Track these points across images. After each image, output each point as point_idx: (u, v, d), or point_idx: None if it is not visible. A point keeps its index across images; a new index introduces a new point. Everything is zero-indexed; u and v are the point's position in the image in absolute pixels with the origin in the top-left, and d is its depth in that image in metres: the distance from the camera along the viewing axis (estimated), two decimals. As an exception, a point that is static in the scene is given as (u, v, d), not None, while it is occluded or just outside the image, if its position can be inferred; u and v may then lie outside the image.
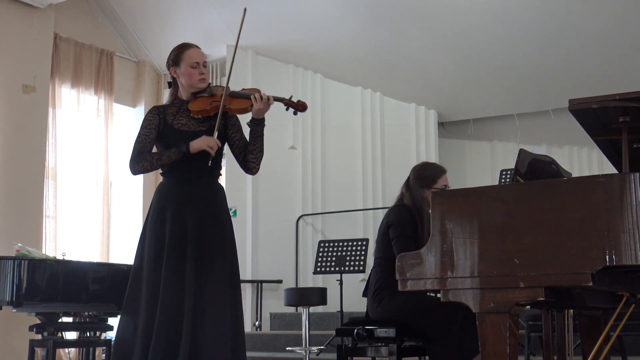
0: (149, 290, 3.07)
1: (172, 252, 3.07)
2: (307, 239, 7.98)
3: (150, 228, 3.17)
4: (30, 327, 5.18)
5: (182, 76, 3.26)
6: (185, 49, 3.30)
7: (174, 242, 3.09)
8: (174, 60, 3.29)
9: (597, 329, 3.02)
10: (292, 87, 8.16)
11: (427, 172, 3.51)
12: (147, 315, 3.04)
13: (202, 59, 3.30)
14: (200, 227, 3.12)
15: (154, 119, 3.24)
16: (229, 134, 3.29)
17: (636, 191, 2.02)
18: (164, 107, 3.31)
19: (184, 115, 3.24)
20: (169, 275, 3.05)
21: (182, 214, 3.12)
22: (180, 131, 3.20)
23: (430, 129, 8.45)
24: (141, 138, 3.23)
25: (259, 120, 3.22)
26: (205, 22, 7.87)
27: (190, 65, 3.24)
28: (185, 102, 3.28)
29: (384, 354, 3.27)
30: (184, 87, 3.29)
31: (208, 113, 3.20)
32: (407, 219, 3.36)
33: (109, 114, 7.88)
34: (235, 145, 3.28)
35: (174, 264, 3.06)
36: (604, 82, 7.21)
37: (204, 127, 3.21)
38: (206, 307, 3.03)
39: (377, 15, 7.30)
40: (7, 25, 6.89)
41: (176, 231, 3.10)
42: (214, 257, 3.11)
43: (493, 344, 2.14)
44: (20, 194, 6.77)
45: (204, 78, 3.27)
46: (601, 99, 2.23)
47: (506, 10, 6.90)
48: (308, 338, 5.53)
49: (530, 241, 2.11)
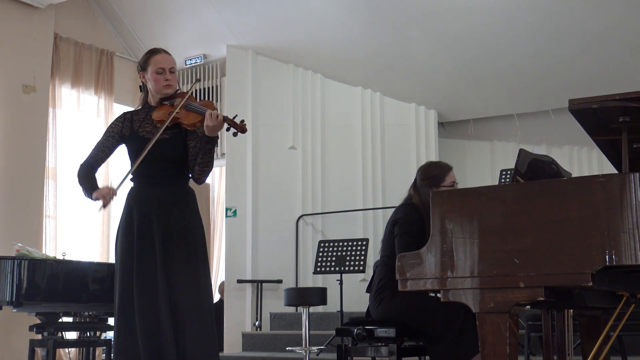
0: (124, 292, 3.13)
1: (140, 251, 3.14)
2: (307, 239, 7.98)
3: (121, 232, 3.24)
4: (30, 327, 5.18)
5: (149, 81, 3.31)
6: (153, 54, 3.32)
7: (141, 244, 3.15)
8: (142, 65, 3.33)
9: (597, 329, 3.02)
10: (292, 87, 8.17)
11: (433, 172, 3.49)
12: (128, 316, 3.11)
13: (169, 65, 3.30)
14: (166, 230, 3.16)
15: (116, 126, 3.32)
16: (187, 141, 3.30)
17: (636, 191, 2.02)
18: (132, 113, 3.37)
19: (149, 122, 3.28)
20: (141, 276, 3.10)
21: (148, 217, 3.17)
22: (144, 138, 3.24)
23: (430, 129, 8.44)
24: (98, 145, 3.34)
25: (209, 138, 3.18)
26: (205, 22, 7.87)
27: (156, 70, 3.27)
28: (153, 108, 3.31)
29: (384, 354, 3.27)
30: (152, 93, 3.34)
31: (164, 123, 3.21)
32: (414, 217, 3.34)
33: (109, 114, 7.88)
34: (189, 152, 3.29)
35: (144, 264, 3.12)
36: (604, 82, 7.21)
37: (167, 135, 3.24)
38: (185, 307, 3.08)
39: (378, 15, 7.30)
40: (7, 25, 6.89)
41: (144, 234, 3.16)
42: (180, 259, 3.15)
43: (493, 343, 2.14)
44: (20, 194, 6.78)
45: (170, 84, 3.28)
46: (601, 99, 2.23)
47: (506, 11, 6.89)
48: (308, 338, 5.53)
49: (530, 241, 2.11)
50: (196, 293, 3.13)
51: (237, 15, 7.71)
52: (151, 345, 3.03)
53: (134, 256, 3.13)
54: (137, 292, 3.09)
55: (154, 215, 3.17)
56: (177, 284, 3.10)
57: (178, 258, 3.14)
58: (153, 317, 3.05)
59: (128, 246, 3.17)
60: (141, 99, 3.43)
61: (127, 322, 3.10)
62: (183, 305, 3.08)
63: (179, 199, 3.25)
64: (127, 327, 3.11)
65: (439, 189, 3.39)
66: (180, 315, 3.07)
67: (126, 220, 3.23)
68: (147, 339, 3.03)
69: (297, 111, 8.14)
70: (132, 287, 3.11)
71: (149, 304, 3.06)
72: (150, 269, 3.10)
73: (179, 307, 3.08)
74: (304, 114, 8.16)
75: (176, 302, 3.08)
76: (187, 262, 3.16)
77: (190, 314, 3.08)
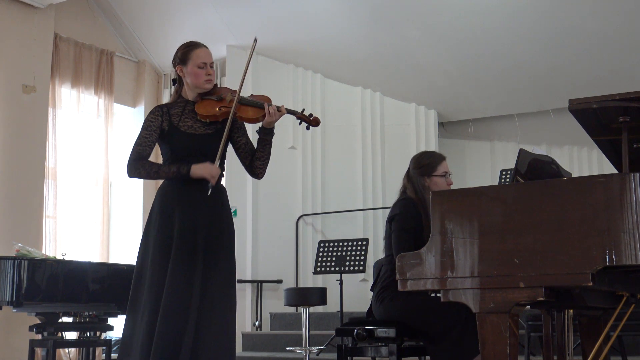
0: (153, 290, 3.05)
1: (179, 252, 3.04)
2: (307, 239, 7.98)
3: (157, 229, 3.12)
4: (30, 327, 5.18)
5: (188, 75, 3.20)
6: (194, 48, 3.23)
7: (183, 241, 3.06)
8: (182, 58, 3.22)
9: (597, 329, 3.02)
10: (292, 87, 8.17)
11: (426, 160, 3.48)
12: (151, 316, 3.02)
13: (210, 59, 3.23)
14: (210, 227, 3.10)
15: (156, 120, 3.17)
16: (234, 138, 3.25)
17: (636, 191, 2.02)
18: (168, 106, 3.24)
19: (190, 117, 3.18)
20: (177, 274, 3.02)
21: (191, 214, 3.09)
22: (187, 134, 3.14)
23: (430, 129, 8.45)
24: (141, 140, 3.17)
25: (269, 130, 3.19)
26: (205, 22, 7.87)
27: (197, 65, 3.18)
28: (191, 103, 3.22)
29: (384, 354, 3.27)
30: (190, 87, 3.23)
31: (216, 119, 3.14)
32: (411, 212, 3.33)
33: (109, 114, 7.88)
34: (241, 149, 3.26)
35: (182, 263, 3.04)
36: (604, 82, 7.21)
37: (210, 130, 3.16)
38: (211, 307, 3.03)
39: (378, 15, 7.30)
40: (7, 25, 6.89)
41: (185, 231, 3.07)
42: (220, 257, 3.11)
43: (493, 344, 2.14)
44: (20, 194, 6.77)
45: (211, 79, 3.21)
46: (601, 99, 2.23)
47: (507, 11, 6.89)
48: (308, 338, 5.53)
49: (530, 241, 2.11)
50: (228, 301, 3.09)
51: (237, 15, 7.70)
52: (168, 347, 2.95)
53: (170, 256, 3.04)
54: (167, 292, 2.99)
55: (198, 216, 3.08)
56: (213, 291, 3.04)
57: (218, 264, 3.08)
58: (179, 320, 2.97)
59: (164, 248, 3.06)
60: (175, 91, 3.30)
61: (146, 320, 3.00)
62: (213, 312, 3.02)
63: (219, 198, 3.19)
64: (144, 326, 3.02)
65: (431, 178, 3.40)
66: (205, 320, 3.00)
67: (163, 220, 3.10)
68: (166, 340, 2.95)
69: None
70: (160, 286, 3.01)
71: (176, 306, 2.97)
72: (188, 271, 3.02)
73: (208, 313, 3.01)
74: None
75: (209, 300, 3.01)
76: (226, 263, 3.11)
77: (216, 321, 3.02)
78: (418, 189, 3.40)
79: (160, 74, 8.67)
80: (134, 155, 3.15)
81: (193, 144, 3.12)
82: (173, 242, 3.07)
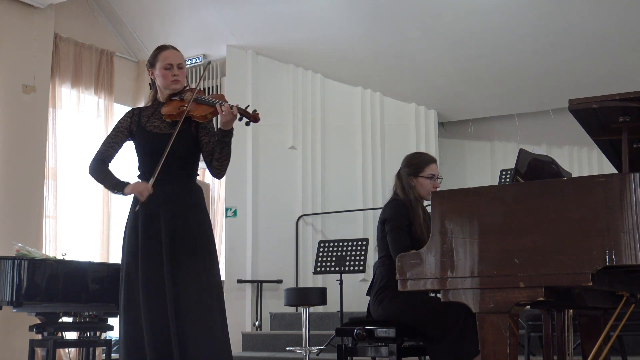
0: (131, 290, 3.13)
1: (145, 250, 3.12)
2: (307, 239, 7.98)
3: (127, 231, 3.22)
4: (30, 327, 5.18)
5: (157, 77, 3.32)
6: (161, 50, 3.34)
7: (147, 241, 3.13)
8: (151, 61, 3.34)
9: (597, 329, 3.02)
10: (292, 87, 8.16)
11: (415, 160, 3.56)
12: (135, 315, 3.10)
13: (177, 60, 3.31)
14: (173, 226, 3.14)
15: (125, 122, 3.32)
16: (199, 137, 3.30)
17: (636, 191, 2.02)
18: (141, 109, 3.37)
19: (158, 118, 3.28)
20: (146, 277, 3.09)
21: (155, 213, 3.16)
22: (153, 133, 3.24)
23: (430, 129, 8.44)
24: (107, 140, 3.34)
25: (226, 132, 3.21)
26: (205, 22, 7.87)
27: (164, 66, 3.27)
28: (162, 104, 3.31)
29: (384, 354, 3.27)
30: (160, 89, 3.34)
31: (175, 117, 3.22)
32: (401, 212, 3.37)
33: (109, 114, 7.88)
34: (203, 148, 3.29)
35: (150, 262, 3.10)
36: (604, 82, 7.21)
37: (174, 130, 3.22)
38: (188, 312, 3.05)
39: (378, 15, 7.30)
40: (7, 25, 6.89)
41: (150, 230, 3.14)
42: (189, 256, 3.13)
43: (493, 344, 2.14)
44: (20, 194, 6.77)
45: (178, 80, 3.29)
46: (601, 99, 2.23)
47: (507, 11, 6.89)
48: (308, 338, 5.53)
49: (530, 241, 2.11)
50: (202, 294, 3.10)
51: (237, 15, 7.70)
52: (157, 346, 3.01)
53: (139, 256, 3.11)
54: (142, 293, 3.07)
55: (161, 214, 3.15)
56: (183, 285, 3.07)
57: (186, 258, 3.11)
58: (159, 318, 3.03)
59: (133, 246, 3.16)
60: (150, 94, 3.42)
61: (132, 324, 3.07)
62: (189, 307, 3.05)
63: (187, 196, 3.23)
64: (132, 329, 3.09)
65: (417, 178, 3.47)
66: (185, 316, 3.04)
67: (132, 219, 3.21)
68: (154, 340, 3.01)
69: (297, 111, 8.14)
70: (137, 288, 3.09)
71: (154, 305, 3.04)
72: (156, 269, 3.08)
73: (185, 309, 3.05)
74: (304, 114, 8.16)
75: (182, 303, 3.05)
76: (195, 263, 3.13)
77: (196, 315, 3.05)
78: (406, 188, 3.46)
79: (160, 74, 8.66)
80: (96, 156, 3.32)
81: (158, 143, 3.19)
82: (139, 245, 3.14)
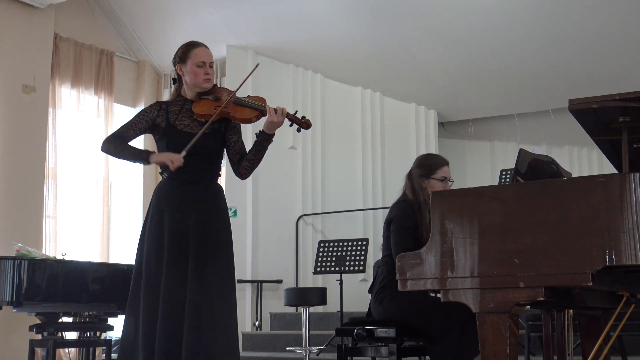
0: (150, 290, 3.07)
1: (172, 251, 3.07)
2: (307, 239, 7.98)
3: (150, 229, 3.15)
4: (30, 327, 5.18)
5: (187, 74, 3.22)
6: (193, 47, 3.26)
7: (174, 242, 3.08)
8: (181, 57, 3.24)
9: (597, 329, 3.02)
10: (292, 87, 8.17)
11: (427, 162, 3.51)
12: (149, 315, 3.04)
13: (209, 59, 3.25)
14: (201, 227, 3.10)
15: (152, 112, 3.22)
16: (227, 136, 3.26)
17: (636, 191, 2.02)
18: (167, 103, 3.27)
19: (187, 116, 3.20)
20: (170, 274, 3.04)
21: (182, 214, 3.10)
22: (183, 132, 3.16)
23: (430, 129, 8.45)
24: (130, 123, 3.22)
25: (269, 135, 3.17)
26: (205, 22, 7.87)
27: (196, 64, 3.20)
28: (189, 102, 3.24)
29: (384, 354, 3.27)
30: (189, 86, 3.25)
31: (211, 118, 3.15)
32: (408, 213, 3.35)
33: (109, 114, 7.88)
34: (231, 147, 3.25)
35: (175, 263, 3.05)
36: (604, 82, 7.21)
37: (206, 130, 3.16)
38: (208, 305, 3.03)
39: (378, 15, 7.30)
40: (7, 25, 6.89)
41: (176, 231, 3.09)
42: (214, 256, 3.11)
43: (493, 344, 2.14)
44: (20, 194, 6.77)
45: (209, 78, 3.22)
46: (601, 99, 2.23)
47: (507, 11, 6.89)
48: (308, 338, 5.53)
49: (530, 241, 2.11)
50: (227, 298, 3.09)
51: (237, 15, 7.70)
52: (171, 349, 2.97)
53: (164, 258, 3.06)
54: (163, 295, 3.01)
55: (190, 217, 3.09)
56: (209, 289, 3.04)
57: (212, 263, 3.08)
58: (178, 322, 2.99)
59: (157, 248, 3.09)
60: (175, 89, 3.33)
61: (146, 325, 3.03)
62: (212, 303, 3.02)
63: (214, 199, 3.19)
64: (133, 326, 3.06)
65: (429, 180, 3.43)
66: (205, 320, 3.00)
67: (156, 220, 3.13)
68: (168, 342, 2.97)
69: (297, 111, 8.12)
70: (157, 290, 3.03)
71: (172, 308, 3.00)
72: (181, 273, 3.03)
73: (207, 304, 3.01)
74: (304, 114, 8.14)
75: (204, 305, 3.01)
76: (221, 268, 3.11)
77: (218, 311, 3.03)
78: (416, 189, 3.43)
79: (160, 74, 8.67)
80: (115, 132, 3.22)
81: (188, 143, 3.11)
82: (165, 243, 3.09)
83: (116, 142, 3.17)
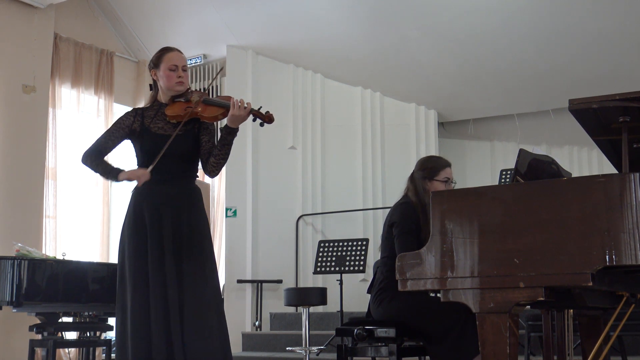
0: (136, 289, 3.12)
1: (154, 251, 3.13)
2: (307, 239, 7.98)
3: (129, 229, 3.22)
4: (30, 327, 5.18)
5: (161, 78, 3.32)
6: (166, 51, 3.35)
7: (153, 241, 3.15)
8: (155, 62, 3.34)
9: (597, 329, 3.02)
10: (292, 87, 8.16)
11: (430, 164, 3.51)
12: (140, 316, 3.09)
13: (182, 62, 3.33)
14: (176, 225, 3.17)
15: (127, 119, 3.31)
16: (200, 136, 3.31)
17: (636, 191, 2.02)
18: (143, 109, 3.37)
19: (161, 119, 3.29)
20: (155, 273, 3.11)
21: (158, 214, 3.17)
22: (157, 134, 3.25)
23: (430, 129, 8.44)
24: (107, 135, 3.33)
25: (231, 129, 3.20)
26: (205, 22, 7.87)
27: (169, 67, 3.29)
28: (164, 105, 3.32)
29: (384, 354, 3.27)
30: (163, 90, 3.34)
31: (182, 118, 3.22)
32: (410, 215, 3.35)
33: (109, 114, 7.88)
34: (202, 147, 3.31)
35: (157, 262, 3.12)
36: (604, 82, 7.21)
37: (180, 131, 3.23)
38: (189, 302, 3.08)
39: (378, 15, 7.30)
40: (7, 25, 6.89)
41: (154, 230, 3.16)
42: (190, 252, 3.16)
43: (493, 344, 2.14)
44: (20, 194, 6.77)
45: (182, 81, 3.30)
46: (601, 99, 2.23)
47: (507, 11, 6.89)
48: (308, 338, 5.53)
49: (530, 241, 2.11)
50: (204, 294, 3.13)
51: (237, 15, 7.70)
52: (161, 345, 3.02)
53: (147, 257, 3.12)
54: (151, 293, 3.08)
55: (164, 214, 3.17)
56: (185, 285, 3.10)
57: (187, 259, 3.14)
58: (163, 318, 3.04)
59: (139, 246, 3.16)
60: (151, 95, 3.43)
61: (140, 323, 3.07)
62: (191, 307, 3.08)
63: (188, 197, 3.26)
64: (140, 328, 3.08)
65: (432, 182, 3.43)
66: (187, 316, 3.06)
67: (135, 219, 3.21)
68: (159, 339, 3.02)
69: (297, 111, 8.14)
70: (146, 288, 3.09)
71: (159, 305, 3.06)
72: (160, 270, 3.10)
73: (187, 309, 3.07)
74: (304, 114, 8.16)
75: (184, 303, 3.07)
76: (196, 264, 3.15)
77: (197, 316, 3.07)
78: (419, 191, 3.42)
79: (160, 74, 8.67)
80: (93, 146, 3.32)
81: (162, 145, 3.18)
82: (147, 243, 3.15)
83: (92, 158, 3.29)
